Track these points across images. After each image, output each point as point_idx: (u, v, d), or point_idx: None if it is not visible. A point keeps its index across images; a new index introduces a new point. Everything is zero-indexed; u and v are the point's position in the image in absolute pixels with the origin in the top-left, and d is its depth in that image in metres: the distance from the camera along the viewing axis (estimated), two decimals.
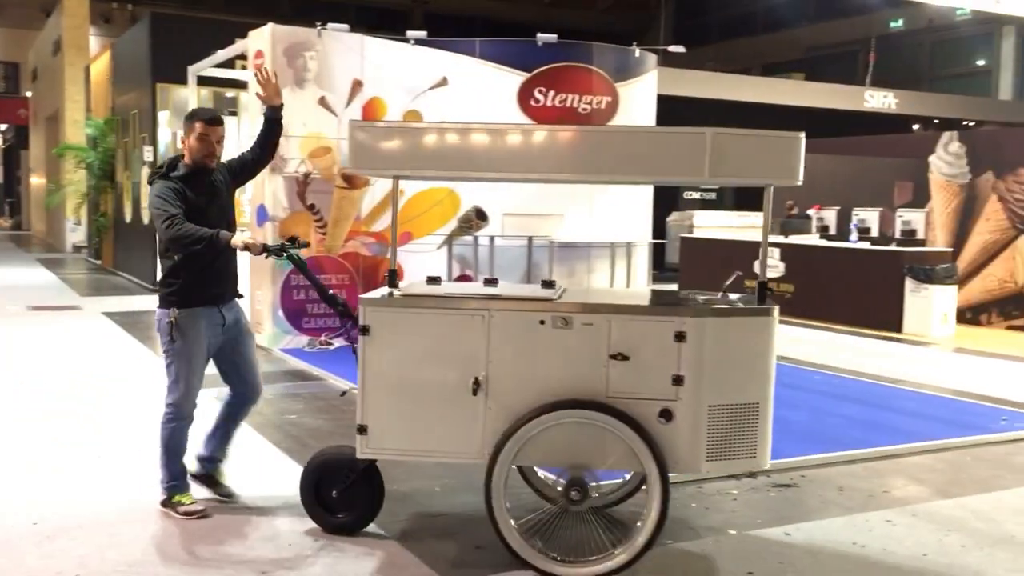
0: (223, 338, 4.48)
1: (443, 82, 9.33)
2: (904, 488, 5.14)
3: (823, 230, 14.30)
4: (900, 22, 26.12)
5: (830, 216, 14.61)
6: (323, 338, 7.34)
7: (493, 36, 9.75)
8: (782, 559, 4.04)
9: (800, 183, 3.89)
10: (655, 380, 3.70)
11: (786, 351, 9.82)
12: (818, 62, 28.67)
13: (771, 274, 13.39)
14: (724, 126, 3.81)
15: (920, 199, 12.97)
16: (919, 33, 26.47)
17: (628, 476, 4.43)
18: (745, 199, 21.80)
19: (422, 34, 9.53)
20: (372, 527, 4.19)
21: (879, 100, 20.93)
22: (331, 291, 4.36)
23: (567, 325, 3.73)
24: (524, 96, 9.44)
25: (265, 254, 4.31)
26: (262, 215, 9.30)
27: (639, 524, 3.71)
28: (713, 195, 22.67)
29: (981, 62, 26.44)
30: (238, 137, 14.77)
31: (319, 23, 9.11)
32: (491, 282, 4.22)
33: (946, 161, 12.60)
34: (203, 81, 12.82)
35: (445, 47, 9.52)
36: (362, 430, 3.87)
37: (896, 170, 13.64)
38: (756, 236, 15.34)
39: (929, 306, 11.10)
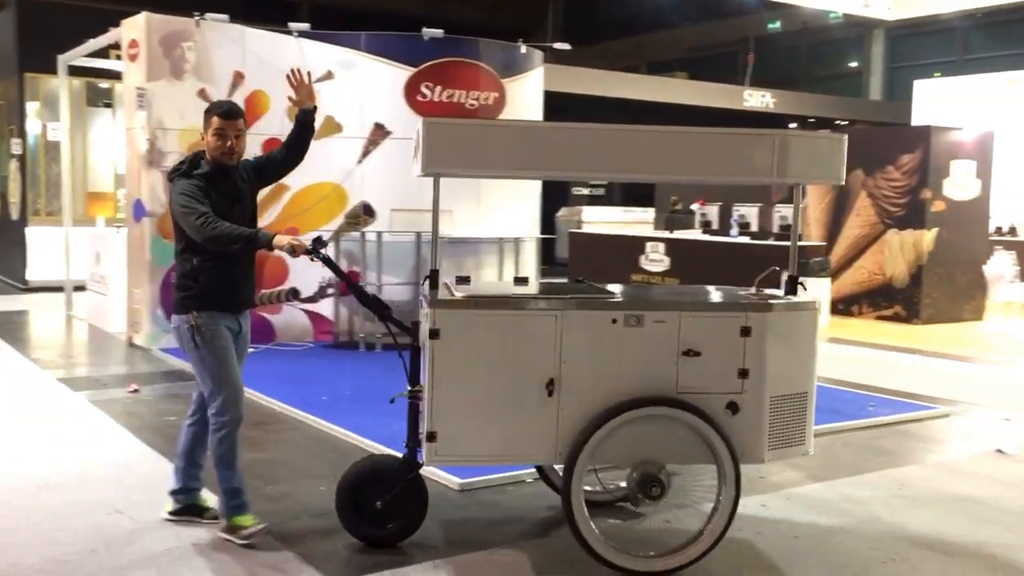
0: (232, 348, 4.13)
1: (328, 75, 9.19)
2: (780, 473, 5.33)
3: (706, 225, 14.70)
4: (777, 24, 27.03)
5: (712, 212, 15.03)
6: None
7: (382, 30, 9.64)
8: None
9: (843, 182, 4.14)
10: (722, 374, 3.83)
11: None
12: (701, 62, 29.42)
13: (656, 268, 13.70)
14: (610, 123, 3.91)
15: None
16: (795, 35, 27.44)
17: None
18: (632, 195, 22.25)
19: (305, 26, 9.36)
20: (255, 527, 4.11)
21: (757, 99, 21.65)
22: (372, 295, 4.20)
23: (639, 323, 3.78)
24: (411, 91, 9.37)
25: (311, 256, 3.97)
26: (139, 210, 8.99)
27: (716, 509, 3.79)
28: (602, 191, 23.05)
29: (853, 64, 27.62)
30: (113, 130, 14.25)
31: (197, 13, 8.85)
32: (521, 280, 4.31)
33: None
34: (75, 71, 12.30)
35: (330, 40, 9.37)
36: (431, 437, 3.73)
37: None
38: (643, 231, 15.70)
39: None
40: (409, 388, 3.99)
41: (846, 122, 23.18)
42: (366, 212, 9.36)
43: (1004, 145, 13.31)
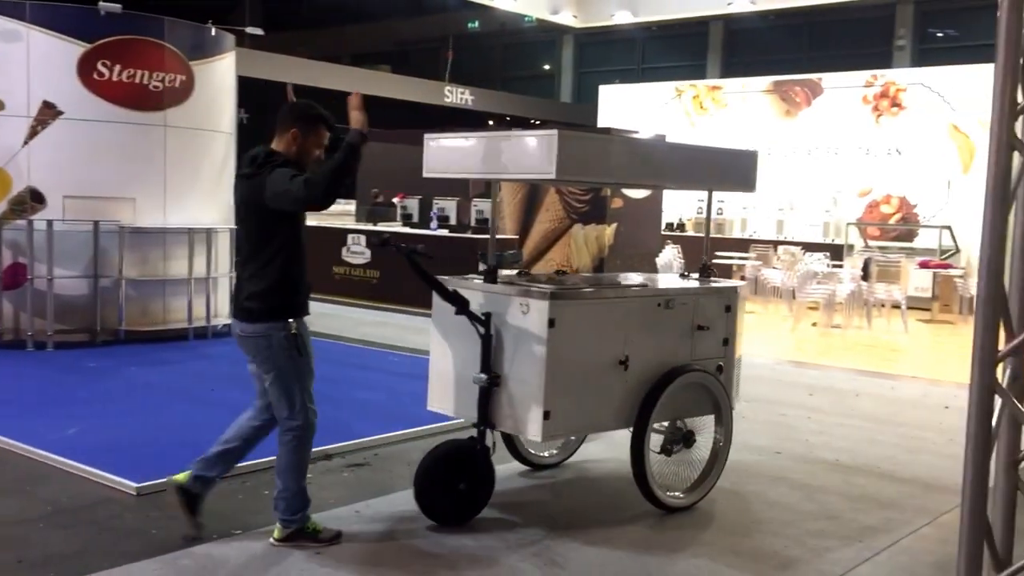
0: None
1: None
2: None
3: (406, 218, 14.90)
4: (476, 24, 27.96)
5: (413, 204, 15.25)
6: None
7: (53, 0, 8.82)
8: (348, 536, 4.15)
9: (755, 191, 5.33)
10: (715, 343, 4.85)
11: (369, 334, 10.12)
12: (405, 56, 29.80)
13: (358, 261, 13.69)
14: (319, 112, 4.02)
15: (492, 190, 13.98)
16: (493, 35, 28.54)
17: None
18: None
19: None
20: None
21: (457, 96, 22.25)
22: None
23: (670, 306, 4.61)
24: (86, 68, 8.63)
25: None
26: None
27: (718, 449, 4.83)
28: None
29: (546, 66, 29.18)
30: None
31: None
32: (561, 273, 5.21)
33: None
34: None
35: None
36: (547, 415, 4.16)
37: None
38: (344, 223, 15.61)
39: None
40: (485, 375, 4.32)
41: (539, 122, 24.45)
42: (34, 199, 8.54)
43: None
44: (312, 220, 4.39)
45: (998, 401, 2.08)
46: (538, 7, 24.31)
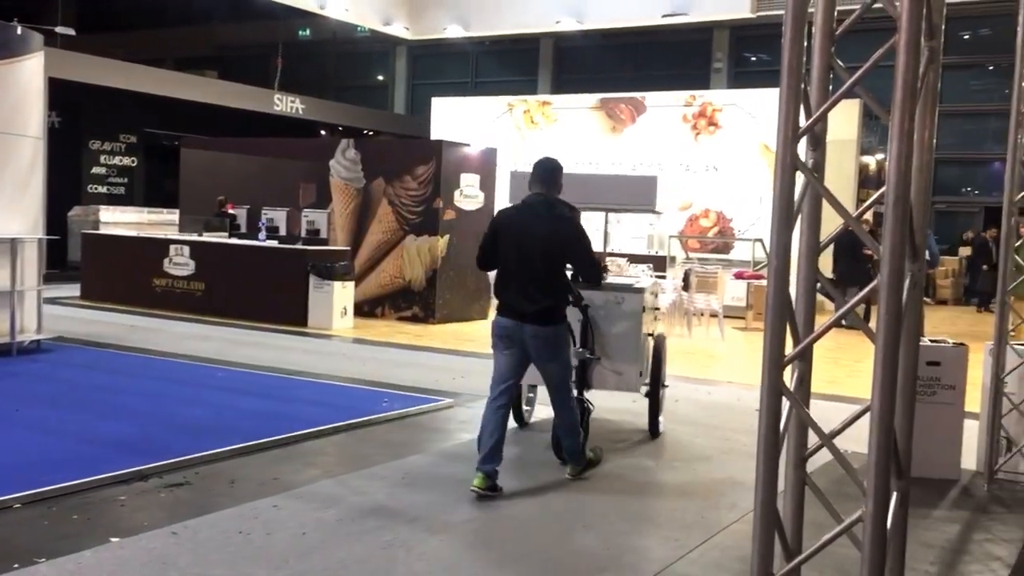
0: None
1: None
2: (294, 473, 5.42)
3: (235, 228, 14.48)
4: (307, 32, 27.50)
5: (241, 214, 14.85)
6: None
7: None
8: (165, 560, 3.98)
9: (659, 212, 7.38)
10: (652, 322, 6.82)
11: (194, 349, 9.75)
12: (232, 61, 28.93)
13: (181, 272, 13.17)
14: (142, 117, 3.79)
15: (323, 200, 13.79)
16: (325, 44, 28.15)
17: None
18: (155, 196, 21.13)
19: None
20: None
21: (287, 104, 21.80)
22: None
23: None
24: None
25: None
26: None
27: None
28: (121, 189, 21.59)
29: (380, 77, 29.03)
30: None
31: None
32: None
33: (344, 166, 13.58)
34: None
35: None
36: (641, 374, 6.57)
37: (302, 172, 14.33)
38: (167, 233, 15.00)
39: (331, 301, 11.88)
40: (585, 350, 6.10)
41: (373, 132, 24.29)
42: None
43: (504, 161, 14.91)
44: (132, 230, 4.20)
45: (786, 404, 2.24)
46: (370, 18, 24.19)
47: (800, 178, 2.17)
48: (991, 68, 21.99)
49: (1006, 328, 5.71)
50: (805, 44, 2.15)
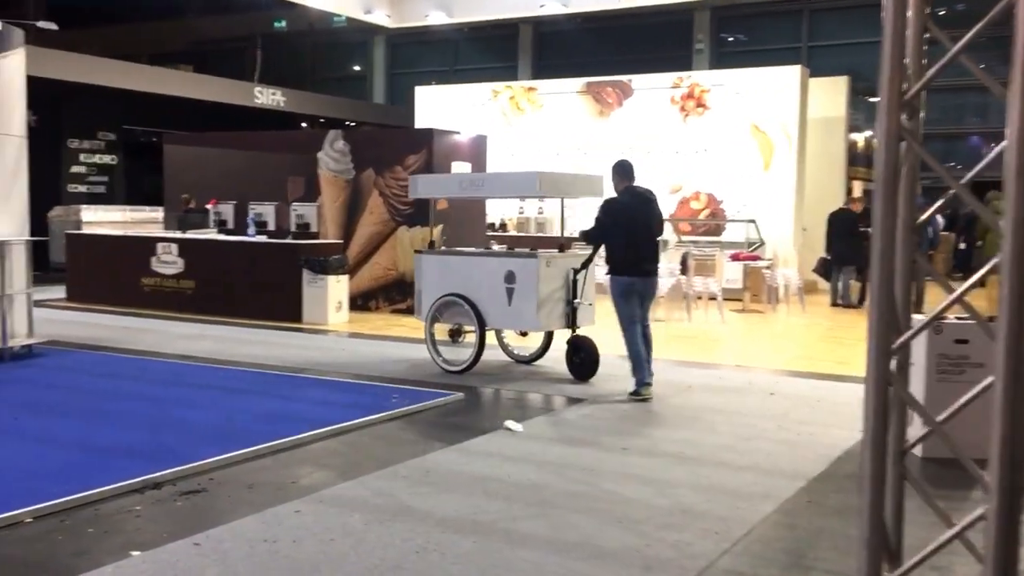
0: None
1: None
2: (311, 476, 5.24)
3: (221, 224, 14.18)
4: (283, 23, 27.11)
5: (228, 210, 14.54)
6: None
7: None
8: (191, 573, 3.80)
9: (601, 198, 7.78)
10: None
11: (188, 349, 9.52)
12: (208, 55, 28.45)
13: (170, 271, 12.91)
14: (120, 114, 3.52)
15: (311, 194, 13.54)
16: (302, 35, 27.77)
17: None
18: (137, 194, 20.76)
19: None
20: None
21: (268, 97, 21.46)
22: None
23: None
24: None
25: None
26: None
27: None
28: (103, 188, 21.20)
29: (358, 67, 28.67)
30: None
31: None
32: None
33: (333, 158, 13.33)
34: None
35: None
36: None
37: (289, 165, 14.05)
38: (151, 231, 14.69)
39: (325, 295, 11.66)
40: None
41: (354, 123, 23.96)
42: None
43: (491, 148, 14.69)
44: (116, 229, 3.99)
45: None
46: (351, 6, 23.85)
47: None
48: (982, 39, 21.95)
49: None
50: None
